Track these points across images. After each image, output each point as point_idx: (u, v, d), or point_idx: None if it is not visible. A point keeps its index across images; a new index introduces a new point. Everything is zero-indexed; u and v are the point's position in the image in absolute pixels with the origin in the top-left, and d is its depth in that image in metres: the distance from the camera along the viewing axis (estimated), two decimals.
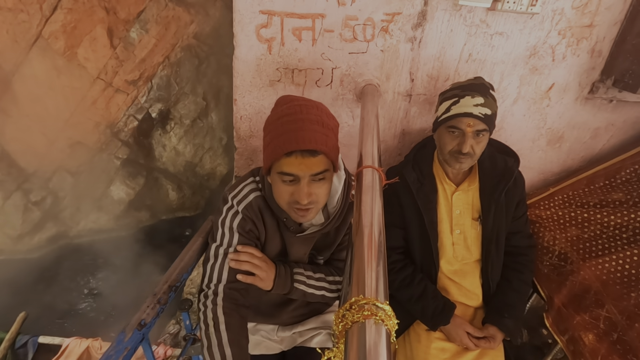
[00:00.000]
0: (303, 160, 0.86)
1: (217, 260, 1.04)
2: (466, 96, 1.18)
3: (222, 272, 1.04)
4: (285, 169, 0.89)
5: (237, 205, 1.04)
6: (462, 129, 1.19)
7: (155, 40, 3.50)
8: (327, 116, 0.93)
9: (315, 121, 0.88)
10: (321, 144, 0.86)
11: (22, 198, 3.75)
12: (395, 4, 1.33)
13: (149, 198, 4.32)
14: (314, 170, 0.88)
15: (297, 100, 0.94)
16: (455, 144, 1.23)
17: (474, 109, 1.16)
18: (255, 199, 1.05)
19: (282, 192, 0.93)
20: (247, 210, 1.04)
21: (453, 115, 1.19)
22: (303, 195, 0.89)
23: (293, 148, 0.85)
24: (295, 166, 0.87)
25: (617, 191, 1.47)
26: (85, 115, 3.66)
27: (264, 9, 1.31)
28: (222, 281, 1.03)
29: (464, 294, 1.39)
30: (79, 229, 4.20)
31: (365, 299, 0.48)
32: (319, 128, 0.87)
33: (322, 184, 0.93)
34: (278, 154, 0.87)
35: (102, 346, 2.02)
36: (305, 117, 0.88)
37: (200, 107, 4.06)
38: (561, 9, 1.35)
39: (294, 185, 0.91)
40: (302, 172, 0.88)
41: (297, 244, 1.10)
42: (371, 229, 0.64)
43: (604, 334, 1.23)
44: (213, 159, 4.48)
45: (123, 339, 0.86)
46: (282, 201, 0.97)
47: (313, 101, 0.95)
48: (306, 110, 0.90)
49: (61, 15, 3.17)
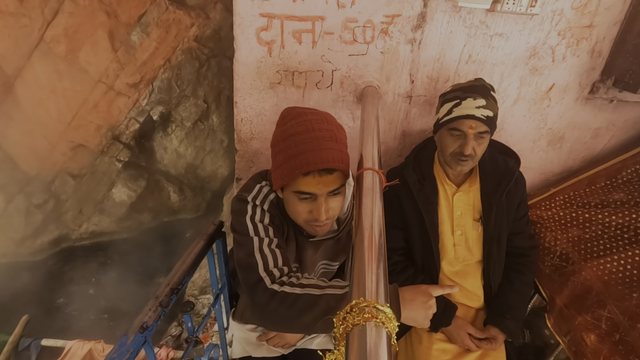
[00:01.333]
0: (321, 179, 0.87)
1: (271, 257, 0.94)
2: (468, 98, 1.18)
3: (277, 257, 0.94)
4: (303, 189, 0.88)
5: (261, 204, 1.00)
6: (464, 131, 1.19)
7: (156, 44, 3.51)
8: (337, 129, 0.93)
9: (329, 138, 0.88)
10: (337, 162, 0.86)
11: (25, 201, 3.77)
12: (395, 6, 1.33)
13: (151, 200, 4.34)
14: (331, 187, 0.89)
15: (305, 114, 0.91)
16: (457, 146, 1.22)
17: (475, 111, 1.16)
18: (276, 198, 1.02)
19: (300, 211, 0.93)
20: (272, 209, 1.01)
21: (455, 117, 1.19)
22: (322, 212, 0.90)
23: (311, 169, 0.85)
24: (314, 185, 0.87)
25: (618, 191, 1.46)
26: (87, 119, 3.68)
27: (264, 12, 1.31)
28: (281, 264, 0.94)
29: (465, 295, 1.39)
30: (81, 231, 4.21)
31: (366, 302, 0.49)
32: (333, 145, 0.87)
33: (338, 198, 0.93)
34: (295, 175, 0.86)
35: (105, 348, 2.03)
36: (318, 135, 0.87)
37: (201, 110, 4.08)
38: (561, 9, 1.35)
39: (311, 202, 0.91)
40: (320, 191, 0.88)
41: (310, 249, 1.10)
42: (371, 232, 0.64)
43: (606, 335, 1.22)
44: (214, 161, 4.50)
45: (125, 342, 0.87)
46: (299, 218, 0.96)
47: (320, 113, 0.94)
48: (318, 126, 0.88)
49: (63, 19, 3.19)
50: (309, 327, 0.84)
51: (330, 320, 0.57)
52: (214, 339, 2.16)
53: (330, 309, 0.80)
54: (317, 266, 1.16)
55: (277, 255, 0.94)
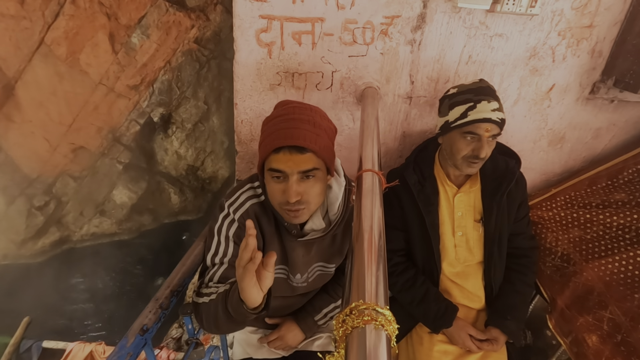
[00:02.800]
0: (291, 156, 0.88)
1: (213, 269, 1.03)
2: (482, 101, 1.17)
3: (216, 271, 1.03)
4: (274, 165, 0.90)
5: (234, 213, 1.04)
6: (479, 134, 1.18)
7: (156, 45, 3.52)
8: (321, 118, 0.96)
9: (306, 121, 0.91)
10: (310, 142, 0.88)
11: (26, 203, 3.78)
12: (395, 7, 1.33)
13: (151, 202, 4.34)
14: (302, 167, 0.89)
15: (292, 103, 0.97)
16: (470, 149, 1.21)
17: (492, 114, 1.16)
18: (251, 206, 1.05)
19: (274, 191, 0.95)
20: (243, 218, 1.03)
21: (471, 120, 1.17)
22: (291, 192, 0.90)
23: (281, 144, 0.88)
24: (283, 162, 0.89)
25: (619, 191, 1.46)
26: (88, 121, 3.69)
27: (263, 14, 1.31)
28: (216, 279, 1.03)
29: (466, 296, 1.39)
30: (82, 233, 4.22)
31: (365, 304, 0.48)
32: (309, 127, 0.90)
33: (313, 184, 0.93)
34: (267, 150, 0.90)
35: (106, 350, 2.03)
36: (296, 117, 0.91)
37: (202, 111, 4.08)
38: (561, 10, 1.35)
39: (284, 183, 0.92)
40: (290, 169, 0.89)
41: (298, 249, 1.10)
42: (371, 233, 0.64)
43: (608, 336, 1.22)
44: (214, 163, 4.50)
45: (125, 344, 0.87)
46: (274, 201, 0.97)
47: (309, 105, 0.98)
48: (299, 111, 0.93)
49: (63, 22, 3.20)
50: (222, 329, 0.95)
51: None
52: (215, 341, 2.16)
53: (217, 313, 0.89)
54: (312, 268, 1.15)
55: (218, 270, 1.02)
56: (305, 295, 1.25)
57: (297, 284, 1.15)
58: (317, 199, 0.96)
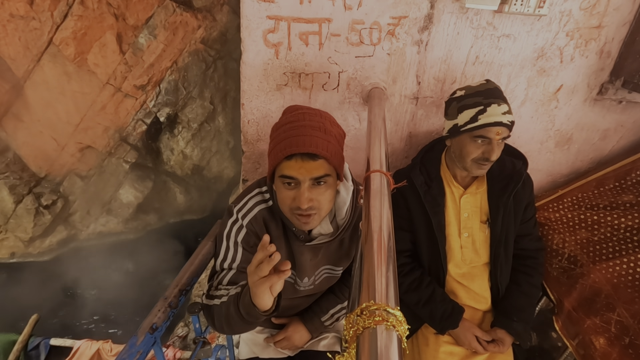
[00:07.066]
0: (303, 163, 0.89)
1: (222, 273, 1.04)
2: (492, 104, 1.16)
3: (225, 275, 1.04)
4: (286, 172, 0.90)
5: (242, 219, 1.05)
6: (490, 138, 1.18)
7: (163, 46, 3.54)
8: (331, 124, 0.95)
9: (317, 127, 0.91)
10: (321, 149, 0.88)
11: (34, 202, 3.81)
12: (402, 8, 1.33)
13: (157, 201, 4.37)
14: (314, 174, 0.90)
15: (302, 109, 0.97)
16: (480, 152, 1.21)
17: (502, 117, 1.15)
18: (260, 211, 1.05)
19: (285, 197, 0.95)
20: (251, 225, 1.04)
21: (483, 124, 1.16)
22: (303, 199, 0.90)
23: (293, 151, 0.88)
24: (296, 169, 0.89)
25: (627, 193, 1.45)
26: (95, 120, 3.72)
27: (271, 14, 1.32)
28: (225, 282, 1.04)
29: (472, 297, 1.39)
30: (89, 232, 4.25)
31: (376, 305, 0.49)
32: (320, 134, 0.90)
33: (324, 190, 0.94)
34: (279, 157, 0.90)
35: (113, 348, 2.05)
36: (307, 124, 0.91)
37: (208, 111, 4.10)
38: (569, 10, 1.34)
39: (295, 189, 0.92)
40: (302, 176, 0.90)
41: (306, 253, 1.10)
42: (380, 234, 0.64)
43: (616, 338, 1.21)
44: (220, 162, 4.52)
45: (135, 343, 0.88)
46: (284, 207, 0.97)
47: (318, 110, 0.98)
48: (309, 117, 0.93)
49: (72, 22, 3.22)
50: (235, 330, 0.96)
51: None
52: (221, 340, 2.17)
53: (229, 315, 0.90)
54: (319, 271, 1.16)
55: (226, 275, 1.03)
56: (311, 296, 1.26)
57: (304, 287, 1.16)
58: (328, 205, 0.97)
